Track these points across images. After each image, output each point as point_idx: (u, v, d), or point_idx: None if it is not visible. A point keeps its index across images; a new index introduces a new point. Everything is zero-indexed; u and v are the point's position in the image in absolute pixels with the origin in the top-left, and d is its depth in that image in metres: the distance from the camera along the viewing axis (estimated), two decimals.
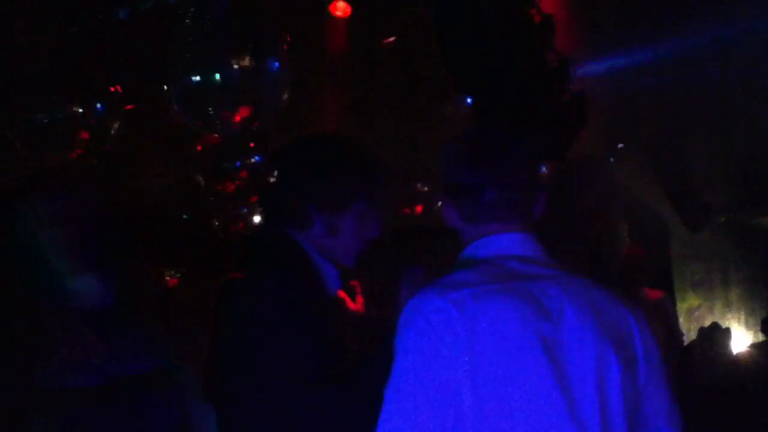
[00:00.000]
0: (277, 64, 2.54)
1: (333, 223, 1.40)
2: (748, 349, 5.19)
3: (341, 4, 3.64)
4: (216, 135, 2.86)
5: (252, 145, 4.19)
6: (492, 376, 1.04)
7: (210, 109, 2.44)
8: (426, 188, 5.02)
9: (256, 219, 5.76)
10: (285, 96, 2.68)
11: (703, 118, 4.70)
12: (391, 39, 3.78)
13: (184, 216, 6.13)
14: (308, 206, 1.39)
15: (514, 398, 1.05)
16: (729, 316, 6.71)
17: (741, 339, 6.11)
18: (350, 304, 2.55)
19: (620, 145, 4.31)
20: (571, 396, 1.07)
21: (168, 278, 5.96)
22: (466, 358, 1.04)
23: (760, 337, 5.48)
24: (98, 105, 3.09)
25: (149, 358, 1.46)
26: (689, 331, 5.96)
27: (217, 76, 2.39)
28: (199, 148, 4.31)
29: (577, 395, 1.08)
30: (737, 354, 5.20)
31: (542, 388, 1.06)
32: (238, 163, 4.20)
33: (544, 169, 2.68)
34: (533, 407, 1.05)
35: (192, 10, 2.43)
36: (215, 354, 1.39)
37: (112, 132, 3.13)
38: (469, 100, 4.06)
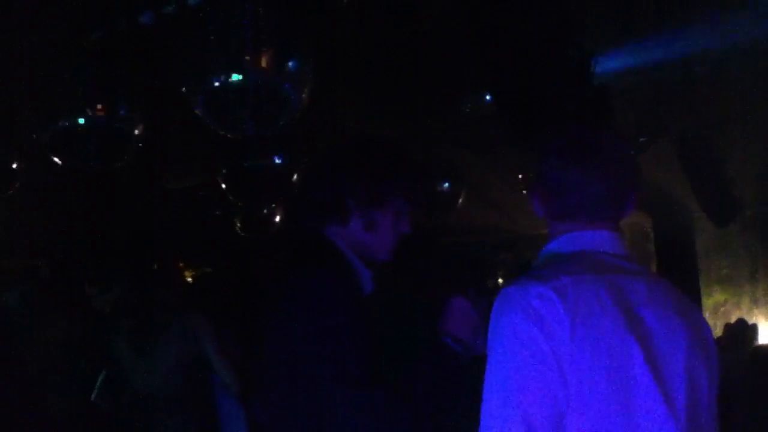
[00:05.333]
0: (299, 64, 2.55)
1: (371, 217, 1.44)
2: None
3: None
4: (238, 137, 2.89)
5: (274, 145, 4.22)
6: (589, 357, 1.05)
7: (232, 111, 2.47)
8: (447, 185, 5.01)
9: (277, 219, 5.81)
10: (306, 96, 2.69)
11: (733, 110, 4.63)
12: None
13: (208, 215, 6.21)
14: (348, 201, 1.43)
15: (611, 389, 1.05)
16: (756, 311, 6.61)
17: None
18: None
19: (642, 139, 4.26)
20: (666, 391, 1.08)
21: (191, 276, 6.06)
22: (569, 344, 1.05)
23: None
24: (122, 108, 3.12)
25: None
26: (715, 327, 5.88)
27: (239, 78, 2.41)
28: (221, 149, 4.36)
29: (670, 389, 1.09)
30: (764, 349, 5.12)
31: (641, 382, 1.07)
32: (260, 164, 4.23)
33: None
34: (631, 400, 1.06)
35: (215, 12, 2.46)
36: (254, 351, 1.42)
37: (137, 134, 3.17)
38: (488, 97, 4.03)
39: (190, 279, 5.68)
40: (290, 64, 2.45)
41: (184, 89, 2.52)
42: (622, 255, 1.21)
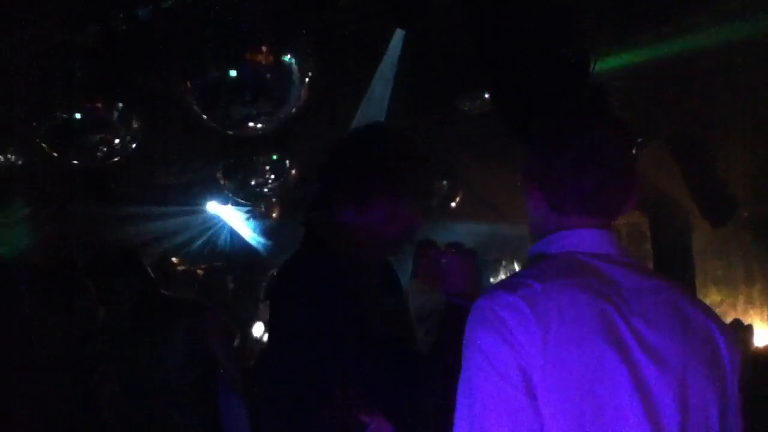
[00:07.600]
0: (297, 59, 2.55)
1: (354, 211, 1.54)
2: None
3: None
4: (235, 133, 2.90)
5: (271, 141, 4.23)
6: (563, 373, 0.99)
7: (228, 107, 2.47)
8: (444, 184, 5.02)
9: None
10: (305, 92, 2.70)
11: (729, 111, 4.64)
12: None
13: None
14: (336, 195, 1.56)
15: (585, 408, 0.98)
16: (751, 312, 6.62)
17: (763, 336, 6.04)
18: None
19: (638, 139, 4.27)
20: (649, 401, 1.00)
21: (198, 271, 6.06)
22: (540, 360, 0.99)
23: None
24: (120, 103, 3.13)
25: None
26: None
27: (236, 73, 2.42)
28: (219, 145, 4.37)
29: (655, 399, 1.00)
30: (759, 350, 5.14)
31: (618, 389, 0.99)
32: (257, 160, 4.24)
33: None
34: (609, 411, 0.98)
35: (212, 6, 2.46)
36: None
37: (134, 129, 3.18)
38: (486, 95, 4.05)
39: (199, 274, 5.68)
40: (287, 59, 2.46)
41: (180, 85, 2.53)
42: (609, 256, 1.11)
